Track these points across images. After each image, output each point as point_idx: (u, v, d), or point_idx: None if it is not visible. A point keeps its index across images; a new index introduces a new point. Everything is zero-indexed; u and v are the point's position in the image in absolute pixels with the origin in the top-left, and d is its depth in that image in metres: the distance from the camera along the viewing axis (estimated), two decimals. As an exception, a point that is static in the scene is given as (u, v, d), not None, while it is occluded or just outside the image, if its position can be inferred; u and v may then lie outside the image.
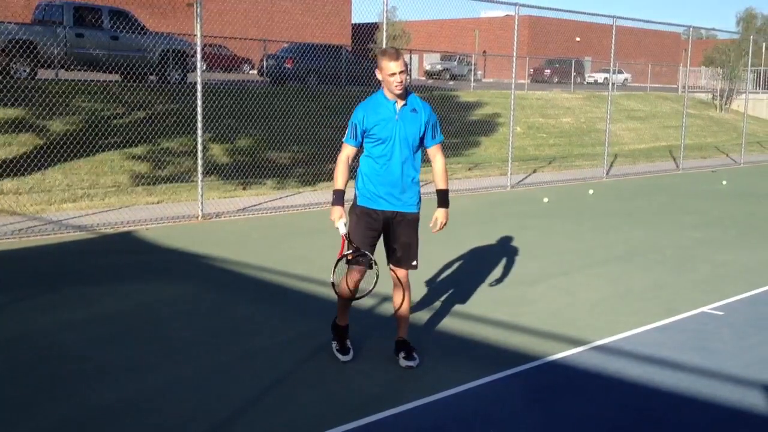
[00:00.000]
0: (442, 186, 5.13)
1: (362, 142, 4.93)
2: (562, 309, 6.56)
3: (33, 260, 7.84)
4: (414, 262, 5.10)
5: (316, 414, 4.40)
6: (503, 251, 8.68)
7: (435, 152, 5.10)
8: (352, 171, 5.04)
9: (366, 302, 6.45)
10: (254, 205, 11.25)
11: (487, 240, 9.21)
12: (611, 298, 6.93)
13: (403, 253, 5.05)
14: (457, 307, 6.45)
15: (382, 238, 5.09)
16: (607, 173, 16.74)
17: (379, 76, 4.86)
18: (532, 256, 8.54)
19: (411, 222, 5.06)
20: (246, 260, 7.95)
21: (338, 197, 4.88)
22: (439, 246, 8.74)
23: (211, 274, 7.47)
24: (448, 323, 6.07)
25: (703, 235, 10.04)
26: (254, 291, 6.97)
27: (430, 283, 7.20)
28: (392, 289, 5.20)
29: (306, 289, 6.95)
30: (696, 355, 5.47)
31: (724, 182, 15.86)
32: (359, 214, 5.00)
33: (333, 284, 4.99)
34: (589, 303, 6.78)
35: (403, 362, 5.07)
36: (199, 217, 10.11)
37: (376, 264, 4.92)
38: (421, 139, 5.01)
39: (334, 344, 5.24)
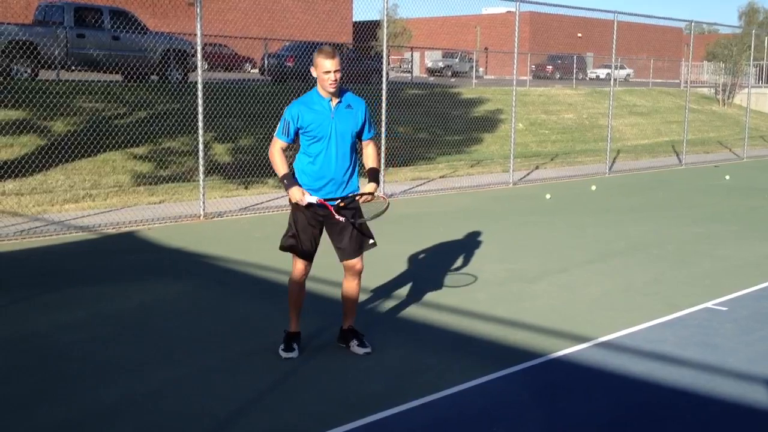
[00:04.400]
0: (373, 165, 5.12)
1: (295, 139, 4.97)
2: (564, 305, 6.55)
3: (35, 261, 7.85)
4: (371, 240, 5.13)
5: (317, 413, 4.39)
6: (505, 247, 8.67)
7: (368, 144, 5.16)
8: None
9: (366, 300, 6.45)
10: (256, 204, 11.25)
11: (488, 236, 9.20)
12: (613, 294, 6.92)
13: (349, 240, 5.06)
14: (459, 304, 6.44)
15: (328, 236, 5.15)
16: (610, 169, 16.71)
17: (314, 73, 4.91)
18: (534, 252, 8.53)
19: (356, 208, 5.08)
20: (248, 259, 7.94)
21: (290, 179, 4.91)
22: (440, 242, 8.73)
23: (213, 274, 7.47)
24: (450, 320, 6.06)
25: (705, 230, 10.02)
26: (256, 290, 6.96)
27: (430, 279, 7.19)
28: (343, 277, 5.27)
29: (307, 288, 6.93)
30: (699, 350, 5.46)
31: (727, 177, 15.83)
32: (298, 209, 5.03)
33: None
34: (591, 299, 6.76)
35: (359, 349, 5.20)
36: (201, 217, 10.11)
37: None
38: (359, 134, 5.05)
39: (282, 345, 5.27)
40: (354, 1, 44.67)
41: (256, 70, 28.06)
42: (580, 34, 58.09)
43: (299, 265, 5.16)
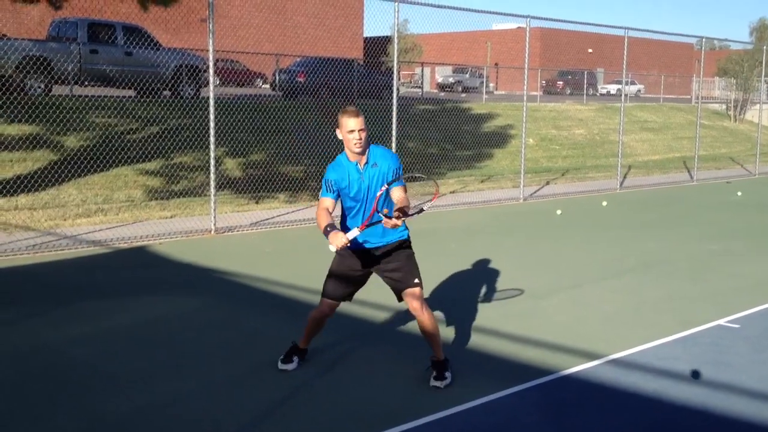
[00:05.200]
0: (401, 204, 4.86)
1: (338, 196, 4.97)
2: (575, 322, 6.52)
3: (47, 275, 7.88)
4: (416, 280, 5.02)
5: (328, 429, 4.38)
6: (516, 263, 8.65)
7: (395, 189, 4.91)
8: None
9: (378, 315, 6.44)
10: (267, 219, 11.27)
11: (499, 252, 9.18)
12: (625, 311, 6.89)
13: (402, 275, 5.01)
14: (470, 321, 6.42)
15: (380, 278, 5.11)
16: (621, 185, 16.67)
17: (339, 135, 4.89)
18: (545, 268, 8.50)
19: (397, 246, 5.04)
20: (258, 274, 7.95)
21: (328, 229, 4.73)
22: (451, 258, 8.72)
23: (224, 288, 7.48)
24: (461, 337, 6.04)
25: (717, 246, 9.97)
26: (266, 305, 6.97)
27: (441, 296, 7.18)
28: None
29: (317, 302, 6.92)
30: (711, 368, 5.42)
31: (739, 193, 15.77)
32: (342, 254, 5.00)
33: None
34: (602, 316, 6.73)
35: (433, 382, 5.02)
36: (212, 231, 10.13)
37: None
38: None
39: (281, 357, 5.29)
40: (365, 17, 44.85)
41: (268, 86, 28.19)
42: (590, 50, 58.13)
43: (324, 304, 5.17)
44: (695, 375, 5.24)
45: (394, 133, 11.86)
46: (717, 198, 15.31)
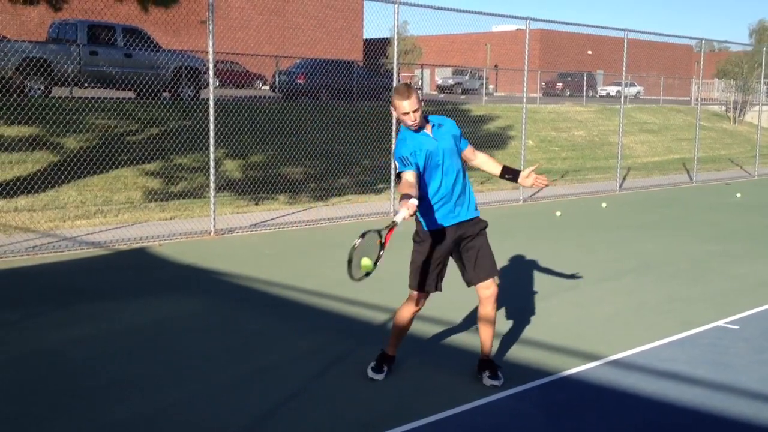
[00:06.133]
0: (500, 165, 5.20)
1: (418, 168, 4.76)
2: (575, 323, 6.53)
3: (47, 277, 7.88)
4: (497, 269, 5.11)
5: (327, 430, 4.38)
6: (516, 265, 8.65)
7: (472, 151, 5.14)
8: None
9: (376, 316, 6.45)
10: (267, 221, 11.27)
11: (499, 254, 9.14)
12: (625, 312, 6.89)
13: (486, 261, 5.03)
14: (469, 322, 6.42)
15: (456, 258, 5.07)
16: (620, 186, 16.68)
17: (394, 114, 4.88)
18: (544, 269, 8.50)
19: (482, 228, 5.10)
20: (258, 276, 7.96)
21: (408, 196, 4.47)
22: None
23: (224, 290, 7.48)
24: (461, 338, 6.05)
25: (717, 248, 9.98)
26: (266, 306, 6.97)
27: (441, 297, 7.16)
28: (479, 306, 5.13)
29: (318, 304, 6.95)
30: (711, 369, 5.42)
31: (738, 195, 15.77)
32: (421, 240, 4.94)
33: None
34: (602, 317, 6.74)
35: (489, 381, 5.02)
36: (212, 233, 10.13)
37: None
38: (458, 149, 5.03)
39: (372, 364, 5.16)
40: (365, 19, 44.90)
41: (267, 87, 28.21)
42: (590, 52, 58.16)
43: (421, 301, 5.05)
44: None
45: (394, 134, 11.86)
46: (716, 199, 15.31)
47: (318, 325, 6.36)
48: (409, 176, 4.68)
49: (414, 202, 4.39)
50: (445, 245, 4.98)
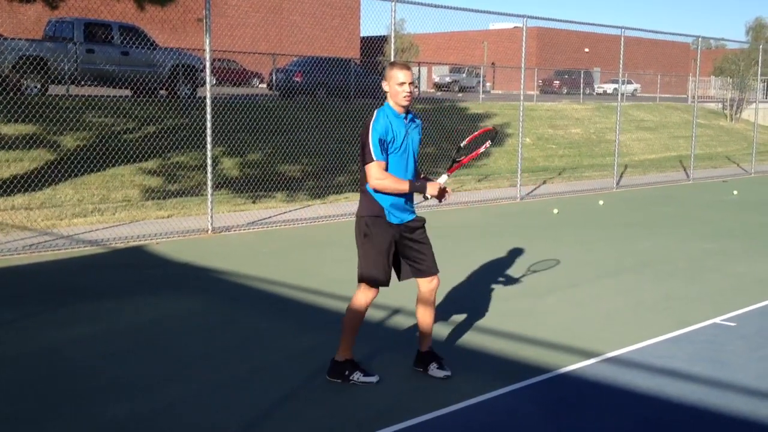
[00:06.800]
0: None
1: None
2: (572, 321, 6.53)
3: (44, 275, 7.88)
4: (438, 267, 5.06)
5: (324, 428, 4.39)
6: (513, 263, 8.66)
7: None
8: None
9: (372, 314, 6.45)
10: (264, 219, 11.27)
11: (496, 251, 9.19)
12: (622, 310, 6.90)
13: (428, 258, 4.99)
14: (467, 320, 6.43)
15: (400, 255, 5.03)
16: (617, 184, 16.69)
17: (385, 87, 4.82)
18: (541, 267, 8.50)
19: (423, 226, 5.05)
20: (256, 274, 7.95)
21: (419, 181, 4.80)
22: (448, 257, 8.72)
23: (221, 288, 7.48)
24: (458, 336, 6.05)
25: (714, 245, 9.99)
26: (264, 305, 6.97)
27: (439, 295, 7.17)
28: (416, 303, 5.15)
29: (315, 302, 6.95)
30: (708, 366, 5.43)
31: (735, 192, 15.79)
32: (381, 232, 4.85)
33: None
34: (600, 315, 6.75)
35: (439, 372, 5.06)
36: (209, 231, 10.13)
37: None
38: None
39: (356, 375, 5.00)
40: (362, 17, 44.86)
41: (265, 85, 28.18)
42: (587, 50, 58.18)
43: (372, 294, 4.95)
44: None
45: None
46: (713, 197, 15.33)
47: (316, 324, 6.36)
48: (383, 167, 4.72)
49: (442, 187, 4.82)
50: (392, 242, 4.92)
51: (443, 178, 4.85)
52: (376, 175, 4.72)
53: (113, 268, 8.24)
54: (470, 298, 7.15)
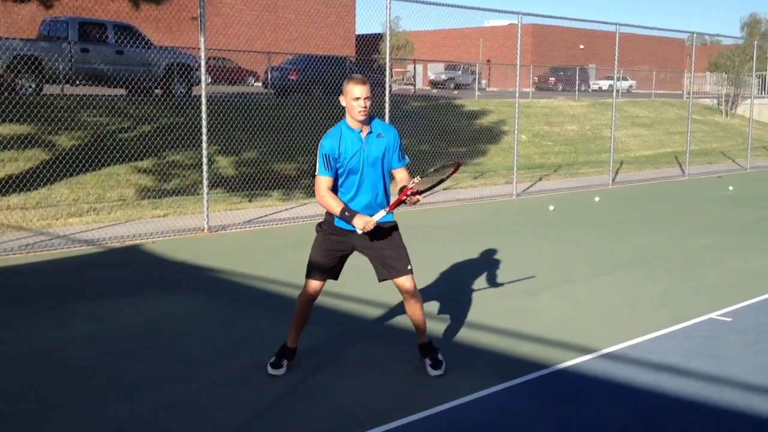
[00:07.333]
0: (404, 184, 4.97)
1: (336, 175, 4.86)
2: (569, 317, 6.54)
3: (40, 275, 7.86)
4: (409, 266, 5.04)
5: (324, 428, 4.39)
6: (509, 260, 8.66)
7: (399, 170, 5.03)
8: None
9: (369, 312, 6.45)
10: (260, 217, 11.26)
11: (492, 249, 9.20)
12: (619, 306, 6.91)
13: (394, 261, 5.00)
14: (463, 317, 6.44)
15: (368, 260, 5.08)
16: (613, 180, 16.71)
17: (342, 102, 4.86)
18: (538, 264, 8.52)
19: (389, 230, 5.02)
20: (252, 272, 7.95)
21: (350, 210, 4.78)
22: (444, 255, 8.73)
23: (218, 287, 7.47)
24: (454, 333, 6.05)
25: (710, 241, 10.01)
26: (261, 303, 6.97)
27: (435, 292, 7.19)
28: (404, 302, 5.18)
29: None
30: (704, 361, 5.44)
31: (731, 188, 15.82)
32: (329, 232, 4.99)
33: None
34: (596, 311, 6.76)
35: (432, 371, 5.08)
36: (205, 230, 10.12)
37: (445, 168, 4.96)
38: (390, 163, 4.99)
39: (272, 359, 5.19)
40: (357, 15, 44.85)
41: (260, 84, 28.15)
42: (582, 46, 58.22)
43: (310, 286, 5.09)
44: None
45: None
46: (709, 192, 15.36)
47: (312, 322, 6.35)
48: (328, 182, 4.83)
49: (371, 224, 4.70)
50: (346, 245, 5.04)
51: (379, 215, 4.75)
52: (318, 190, 4.89)
53: (110, 268, 8.23)
54: (466, 295, 7.15)
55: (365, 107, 4.78)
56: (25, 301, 6.85)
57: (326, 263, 5.06)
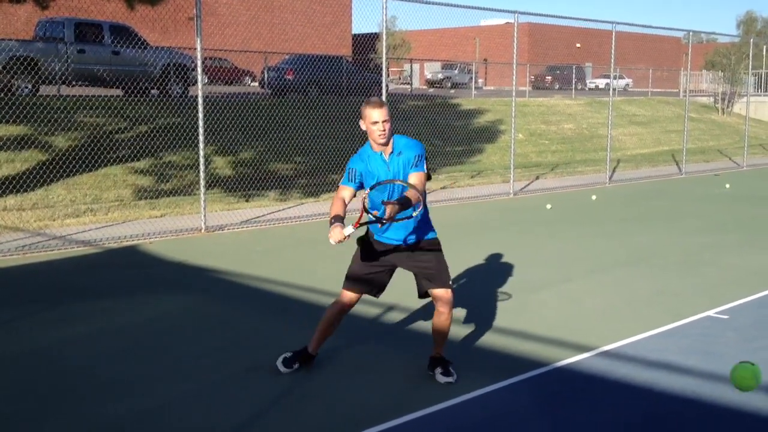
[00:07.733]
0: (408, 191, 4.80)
1: (360, 186, 4.87)
2: (567, 316, 6.55)
3: (39, 275, 7.86)
4: (450, 282, 5.06)
5: (322, 427, 4.39)
6: (507, 258, 8.67)
7: (412, 174, 4.84)
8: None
9: (369, 312, 6.46)
10: (257, 217, 11.26)
11: (490, 247, 9.21)
12: (616, 304, 6.92)
13: (437, 273, 4.99)
14: (462, 316, 6.44)
15: (410, 273, 5.07)
16: (610, 179, 16.73)
17: (363, 126, 4.82)
18: (536, 263, 8.53)
19: (428, 245, 5.02)
20: (250, 272, 7.95)
21: (334, 219, 4.67)
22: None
23: (216, 287, 7.47)
24: (453, 332, 6.03)
25: (707, 239, 10.03)
26: (258, 303, 6.97)
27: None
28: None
29: (310, 299, 6.95)
30: (702, 358, 5.46)
31: (727, 186, 15.85)
32: (369, 243, 4.98)
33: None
34: (594, 309, 6.77)
35: (442, 378, 5.03)
36: (203, 230, 10.12)
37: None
38: None
39: (287, 355, 5.20)
40: (353, 14, 44.83)
41: (256, 84, 28.13)
42: (578, 45, 58.24)
43: (345, 294, 5.06)
44: None
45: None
46: (705, 190, 15.38)
47: (310, 322, 6.34)
48: (345, 192, 4.84)
49: (339, 237, 4.54)
50: (385, 260, 5.01)
51: (348, 230, 4.60)
52: (335, 195, 4.90)
53: (108, 268, 8.23)
54: (463, 294, 7.15)
55: (384, 130, 4.73)
56: (24, 302, 6.85)
57: (362, 274, 5.00)
